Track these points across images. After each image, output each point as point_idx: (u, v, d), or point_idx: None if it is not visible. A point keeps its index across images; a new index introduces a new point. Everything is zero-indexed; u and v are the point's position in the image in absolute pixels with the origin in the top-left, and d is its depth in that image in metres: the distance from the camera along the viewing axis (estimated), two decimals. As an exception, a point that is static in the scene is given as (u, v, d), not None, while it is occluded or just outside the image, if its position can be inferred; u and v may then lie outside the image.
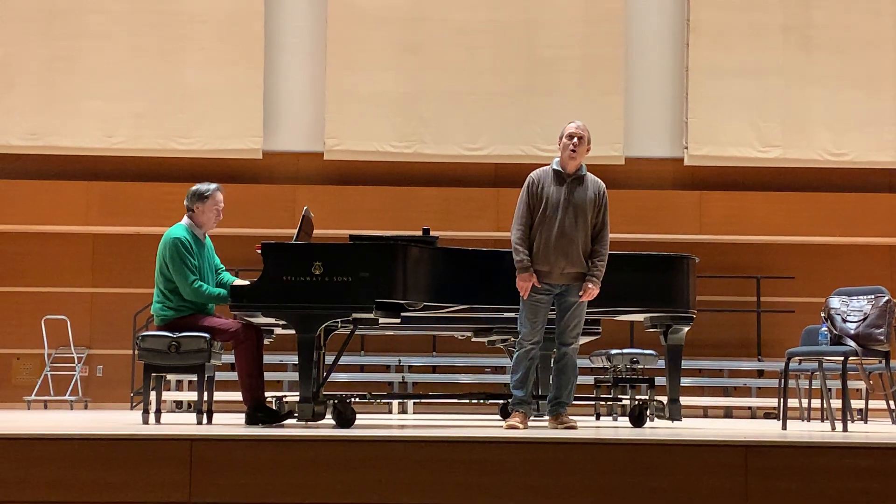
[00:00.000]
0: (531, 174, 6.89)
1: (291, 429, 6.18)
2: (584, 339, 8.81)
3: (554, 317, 6.88)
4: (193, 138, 14.38)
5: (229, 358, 7.29)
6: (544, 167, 6.91)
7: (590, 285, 6.72)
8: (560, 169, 6.83)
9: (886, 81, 14.67)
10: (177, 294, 6.98)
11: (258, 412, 6.85)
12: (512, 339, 8.24)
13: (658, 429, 7.21)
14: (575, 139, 6.79)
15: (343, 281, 6.45)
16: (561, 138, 6.86)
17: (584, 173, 6.87)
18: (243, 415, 7.01)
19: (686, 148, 14.68)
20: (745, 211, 14.54)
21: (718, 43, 14.70)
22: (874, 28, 14.73)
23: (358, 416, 6.88)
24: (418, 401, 13.10)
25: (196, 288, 6.92)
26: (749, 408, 13.89)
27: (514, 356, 6.85)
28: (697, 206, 14.62)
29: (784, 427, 7.49)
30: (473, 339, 9.12)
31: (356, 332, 7.17)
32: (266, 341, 7.37)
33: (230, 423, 7.16)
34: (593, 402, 10.40)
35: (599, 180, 6.93)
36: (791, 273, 14.66)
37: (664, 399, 7.51)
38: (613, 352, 10.06)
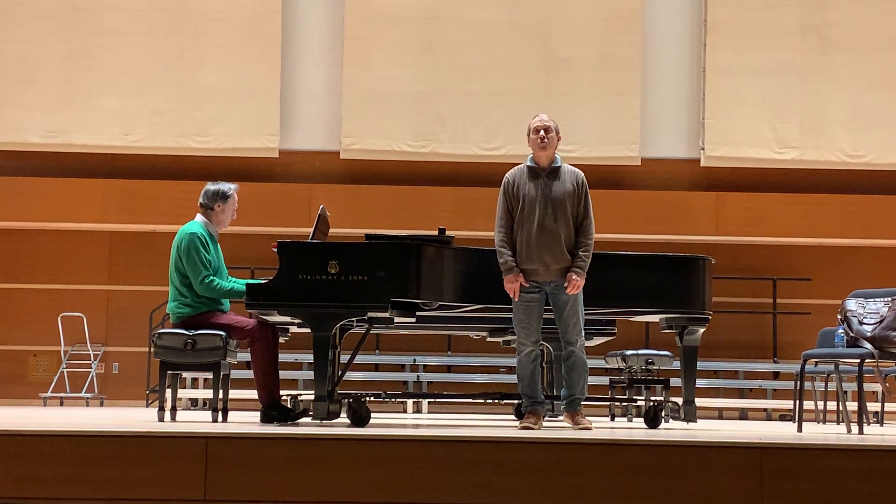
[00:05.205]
0: (506, 174, 6.82)
1: (306, 427, 6.19)
2: (599, 340, 8.83)
3: (552, 317, 6.81)
4: (210, 136, 14.42)
5: (245, 356, 7.31)
6: (518, 165, 6.86)
7: (574, 276, 6.59)
8: (534, 164, 6.77)
9: (905, 82, 14.61)
10: (192, 291, 7.00)
11: (273, 410, 6.87)
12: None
13: (673, 430, 7.19)
14: (541, 132, 6.75)
15: (359, 280, 6.46)
16: (529, 135, 6.82)
17: (560, 165, 6.77)
18: (258, 413, 7.03)
19: (703, 149, 14.64)
20: (762, 212, 14.49)
21: (736, 43, 14.64)
22: (892, 28, 14.65)
23: (372, 415, 6.88)
24: (433, 400, 13.12)
25: (208, 283, 6.94)
26: (764, 410, 13.85)
27: (517, 363, 6.75)
28: (714, 207, 14.58)
29: (799, 429, 7.46)
30: (488, 339, 9.12)
31: (371, 331, 7.18)
32: (281, 340, 7.37)
33: (245, 421, 7.18)
34: (608, 403, 10.38)
35: (577, 170, 6.81)
36: (807, 275, 14.61)
37: (679, 400, 7.49)
38: (629, 352, 10.05)
